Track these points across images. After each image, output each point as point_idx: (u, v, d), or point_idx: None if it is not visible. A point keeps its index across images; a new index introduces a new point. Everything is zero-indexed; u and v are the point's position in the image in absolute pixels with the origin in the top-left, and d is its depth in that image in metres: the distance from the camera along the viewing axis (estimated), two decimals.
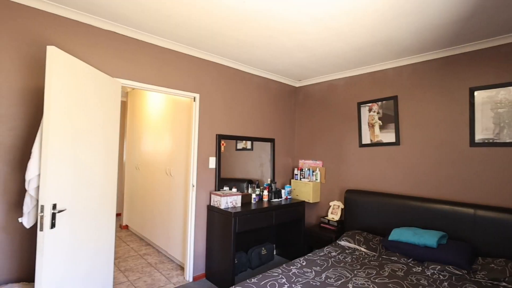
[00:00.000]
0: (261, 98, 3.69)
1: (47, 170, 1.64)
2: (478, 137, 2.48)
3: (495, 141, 2.40)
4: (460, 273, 2.12)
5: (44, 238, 1.63)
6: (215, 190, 3.12)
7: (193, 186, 2.95)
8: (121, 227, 4.74)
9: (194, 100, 2.99)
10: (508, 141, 2.33)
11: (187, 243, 2.95)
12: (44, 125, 1.66)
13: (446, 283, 1.99)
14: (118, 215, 5.52)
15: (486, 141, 2.45)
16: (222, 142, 3.22)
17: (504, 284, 1.96)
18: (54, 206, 1.69)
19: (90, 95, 2.05)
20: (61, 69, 1.76)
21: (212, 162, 3.12)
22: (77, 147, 1.92)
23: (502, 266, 2.06)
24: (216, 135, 3.15)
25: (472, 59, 2.57)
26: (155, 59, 2.68)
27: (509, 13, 2.00)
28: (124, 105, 5.66)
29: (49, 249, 1.67)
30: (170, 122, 3.64)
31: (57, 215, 1.74)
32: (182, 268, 3.24)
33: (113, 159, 2.34)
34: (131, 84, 2.53)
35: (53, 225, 1.68)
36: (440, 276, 2.11)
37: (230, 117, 3.31)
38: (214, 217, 2.93)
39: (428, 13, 2.04)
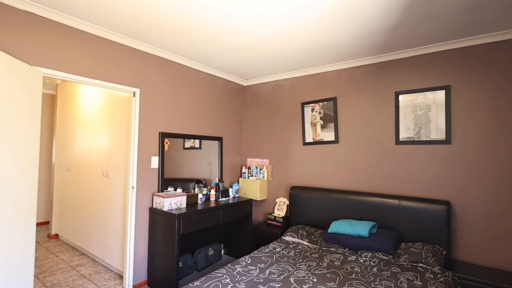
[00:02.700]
0: (208, 95, 3.61)
1: None
2: (402, 135, 2.80)
3: (415, 139, 2.73)
4: (387, 258, 2.35)
5: None
6: (158, 191, 2.95)
7: (133, 187, 2.75)
8: (50, 237, 4.19)
9: (134, 95, 2.78)
10: (424, 139, 2.67)
11: (126, 250, 2.73)
12: None
13: (375, 269, 2.19)
14: (46, 223, 4.89)
15: (408, 139, 2.77)
16: (166, 140, 3.06)
17: (421, 264, 2.24)
18: None
19: None
20: None
21: (155, 162, 2.94)
22: None
23: (420, 249, 2.36)
24: (159, 133, 2.98)
25: (398, 66, 2.88)
26: (87, 48, 2.42)
27: (425, 27, 2.28)
28: (53, 99, 5.03)
29: None
30: (108, 119, 3.34)
31: None
32: (121, 277, 3.00)
33: (32, 160, 2.04)
34: (56, 75, 2.24)
35: None
36: (371, 262, 2.32)
37: (174, 114, 3.16)
38: (157, 220, 2.77)
39: (360, 22, 2.21)
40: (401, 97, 2.81)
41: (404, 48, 2.73)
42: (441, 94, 2.60)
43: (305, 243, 2.80)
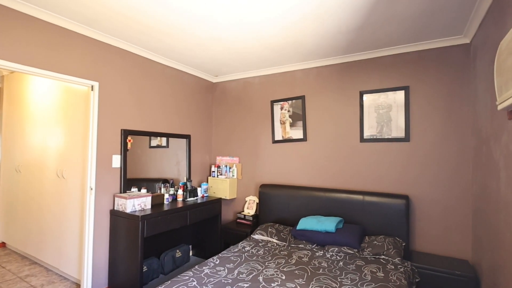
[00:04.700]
0: (176, 91, 3.47)
1: None
2: (366, 133, 2.91)
3: (377, 137, 2.85)
4: (352, 252, 2.43)
5: None
6: (120, 192, 2.77)
7: (92, 188, 2.55)
8: None
9: (92, 89, 2.58)
10: (386, 137, 2.81)
11: (84, 256, 2.53)
12: None
13: (341, 263, 2.25)
14: None
15: (371, 137, 2.89)
16: (129, 138, 2.88)
17: (383, 256, 2.34)
18: None
19: None
20: None
21: (116, 161, 2.75)
22: None
23: (382, 242, 2.47)
24: (121, 130, 2.80)
25: (362, 67, 2.98)
26: (37, 36, 2.18)
27: (387, 29, 2.38)
28: None
29: None
30: (63, 114, 3.06)
31: None
32: (78, 286, 2.77)
33: None
34: (0, 65, 1.99)
35: None
36: (337, 257, 2.38)
37: (138, 110, 2.99)
38: (119, 222, 2.60)
39: (326, 21, 2.25)
40: (365, 96, 2.93)
41: (368, 49, 2.84)
42: (401, 94, 2.74)
43: (274, 240, 2.80)
